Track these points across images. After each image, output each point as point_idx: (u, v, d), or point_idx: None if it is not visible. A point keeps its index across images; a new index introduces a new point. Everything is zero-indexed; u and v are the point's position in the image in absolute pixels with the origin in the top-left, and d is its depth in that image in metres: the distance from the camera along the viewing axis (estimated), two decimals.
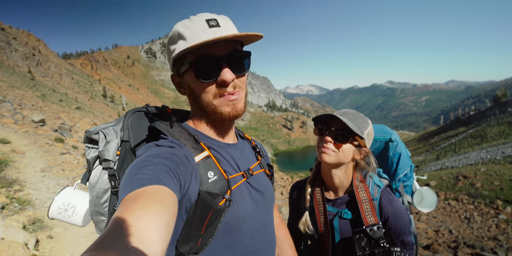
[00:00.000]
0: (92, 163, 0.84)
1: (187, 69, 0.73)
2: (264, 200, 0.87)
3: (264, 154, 1.00)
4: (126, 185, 0.55)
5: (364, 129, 1.06)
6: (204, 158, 0.73)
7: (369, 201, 1.08)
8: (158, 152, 0.65)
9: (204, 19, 0.71)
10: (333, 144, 1.06)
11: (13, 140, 8.48)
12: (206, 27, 0.70)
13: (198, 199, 0.68)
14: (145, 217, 0.45)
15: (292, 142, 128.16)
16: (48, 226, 3.84)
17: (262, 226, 0.84)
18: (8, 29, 62.70)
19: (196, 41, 0.67)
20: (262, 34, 0.71)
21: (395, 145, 1.28)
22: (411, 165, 1.30)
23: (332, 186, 1.17)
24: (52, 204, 0.90)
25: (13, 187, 4.89)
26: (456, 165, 29.34)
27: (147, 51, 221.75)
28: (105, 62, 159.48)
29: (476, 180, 17.46)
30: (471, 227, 10.95)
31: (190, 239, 0.68)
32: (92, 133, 0.83)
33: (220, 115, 0.75)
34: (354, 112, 1.10)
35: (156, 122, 0.78)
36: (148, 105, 0.92)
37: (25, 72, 50.92)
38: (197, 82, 0.73)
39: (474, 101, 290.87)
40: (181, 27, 0.72)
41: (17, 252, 2.67)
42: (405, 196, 1.32)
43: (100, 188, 0.81)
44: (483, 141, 41.21)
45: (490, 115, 56.01)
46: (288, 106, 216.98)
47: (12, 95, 22.40)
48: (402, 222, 1.09)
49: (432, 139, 60.75)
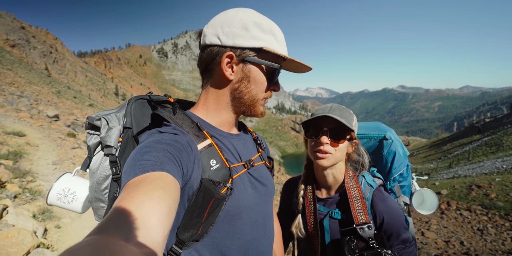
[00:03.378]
0: (93, 149, 0.83)
1: (265, 64, 0.76)
2: (265, 191, 0.87)
3: (265, 146, 1.01)
4: (129, 170, 0.55)
5: (352, 121, 1.05)
6: (206, 146, 0.73)
7: (361, 199, 1.04)
8: (161, 138, 0.65)
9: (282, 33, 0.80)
10: (330, 144, 1.04)
11: (28, 133, 8.74)
12: (284, 42, 0.80)
13: (200, 186, 0.68)
14: (148, 203, 0.45)
15: (300, 145, 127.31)
16: (57, 216, 3.92)
17: (262, 217, 0.84)
18: (28, 28, 64.98)
19: (284, 52, 0.77)
20: (311, 68, 0.83)
21: (390, 143, 1.22)
22: (408, 164, 1.24)
23: (325, 184, 1.15)
24: (51, 190, 0.89)
25: (26, 178, 5.02)
26: (469, 174, 28.44)
27: (159, 51, 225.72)
28: (118, 61, 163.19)
29: (490, 191, 16.86)
30: (484, 239, 10.55)
31: (191, 226, 0.68)
32: (94, 119, 0.82)
33: (255, 112, 0.81)
34: (339, 106, 1.08)
35: (159, 109, 0.78)
36: (151, 93, 0.91)
37: (42, 69, 52.62)
38: (262, 80, 0.78)
39: (490, 108, 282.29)
40: (274, 26, 0.76)
41: (26, 239, 2.72)
42: (402, 197, 1.25)
43: (101, 175, 0.80)
44: (499, 150, 39.85)
45: (507, 122, 54.21)
46: (297, 108, 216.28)
47: (29, 91, 23.17)
48: (398, 222, 1.05)
49: (445, 146, 59.24)
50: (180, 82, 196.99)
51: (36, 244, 2.78)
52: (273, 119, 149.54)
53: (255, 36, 0.73)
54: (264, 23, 0.74)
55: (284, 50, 0.78)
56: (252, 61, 0.74)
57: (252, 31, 0.73)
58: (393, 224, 1.04)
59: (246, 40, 0.72)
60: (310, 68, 0.82)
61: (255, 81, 0.76)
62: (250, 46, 0.73)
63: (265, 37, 0.74)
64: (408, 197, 1.28)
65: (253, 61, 0.74)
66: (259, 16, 0.75)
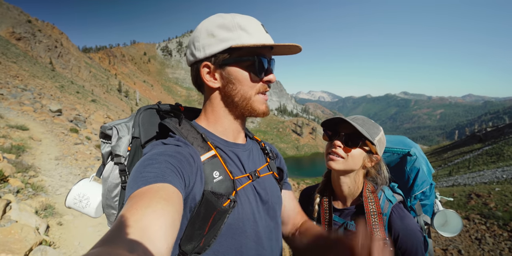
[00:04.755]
0: (106, 157, 0.87)
1: (242, 61, 0.74)
2: (270, 205, 0.85)
3: (276, 156, 0.98)
4: (132, 182, 0.56)
5: (375, 135, 1.03)
6: (210, 157, 0.72)
7: (378, 214, 1.02)
8: (164, 150, 0.66)
9: (259, 23, 0.77)
10: (343, 148, 1.04)
11: (31, 128, 8.77)
12: (263, 31, 0.76)
13: (202, 198, 0.67)
14: (151, 215, 0.45)
15: (301, 147, 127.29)
16: (59, 213, 3.92)
17: (267, 231, 0.82)
18: (34, 21, 65.32)
19: (260, 41, 0.73)
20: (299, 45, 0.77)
21: (414, 159, 1.19)
22: (432, 183, 1.21)
23: (341, 195, 1.13)
24: (69, 194, 0.94)
25: (29, 173, 5.03)
26: (469, 182, 28.32)
27: (164, 49, 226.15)
28: (123, 57, 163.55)
29: (489, 200, 16.78)
30: (481, 248, 10.51)
31: (193, 238, 0.68)
32: (106, 128, 0.85)
33: (255, 112, 0.78)
34: (364, 118, 1.08)
35: (166, 120, 0.78)
36: (160, 103, 0.93)
37: (47, 63, 52.81)
38: (246, 77, 0.75)
39: (492, 117, 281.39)
40: (241, 19, 0.73)
41: (29, 235, 2.72)
42: (422, 216, 1.22)
43: (112, 183, 0.83)
44: (500, 159, 39.71)
45: (509, 132, 54.03)
46: (299, 111, 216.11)
47: (33, 84, 23.23)
48: (414, 242, 1.01)
49: (445, 154, 59.06)
50: (183, 80, 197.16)
51: (39, 241, 2.78)
52: (274, 121, 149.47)
53: (222, 39, 0.72)
54: (228, 21, 0.73)
55: (258, 38, 0.74)
56: (228, 63, 0.74)
57: (218, 35, 0.73)
58: (408, 243, 1.01)
59: (215, 46, 0.73)
60: (298, 46, 0.76)
61: (238, 81, 0.75)
62: (220, 50, 0.73)
63: (232, 35, 0.72)
64: (429, 216, 1.24)
65: (229, 62, 0.74)
66: (222, 18, 0.74)
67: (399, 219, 1.03)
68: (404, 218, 1.03)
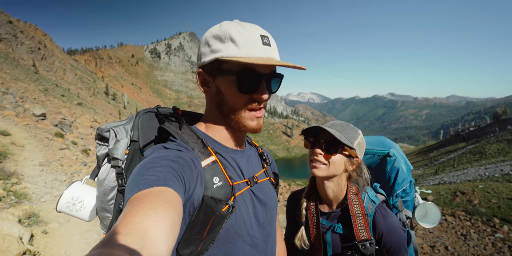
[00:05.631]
0: (102, 159, 0.85)
1: (227, 75, 0.72)
2: (267, 210, 0.86)
3: (271, 162, 1.00)
4: (133, 185, 0.56)
5: (354, 139, 1.06)
6: (210, 163, 0.73)
7: (363, 216, 1.06)
8: (166, 154, 0.66)
9: (259, 33, 0.71)
10: (323, 156, 1.07)
11: (13, 133, 8.45)
12: (259, 42, 0.70)
13: (201, 203, 0.68)
14: (152, 217, 0.45)
15: (291, 149, 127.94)
16: (44, 221, 3.80)
17: (264, 235, 0.84)
18: (16, 22, 63.18)
19: (249, 54, 0.69)
20: (305, 68, 0.75)
21: (393, 160, 1.24)
22: (411, 180, 1.25)
23: (326, 199, 1.17)
24: (61, 198, 0.91)
25: (11, 180, 4.85)
26: (454, 180, 29.17)
27: (152, 51, 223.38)
28: (110, 60, 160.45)
29: (473, 197, 17.33)
30: (467, 244, 10.82)
31: (191, 242, 0.68)
32: (103, 130, 0.85)
33: (244, 127, 0.76)
34: (343, 123, 1.11)
35: (166, 124, 0.78)
36: (159, 106, 0.93)
37: (30, 66, 51.13)
38: (234, 91, 0.73)
39: (474, 117, 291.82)
40: (234, 30, 0.70)
41: (12, 245, 2.63)
42: (404, 211, 1.27)
43: (108, 186, 0.82)
44: (482, 157, 41.17)
45: (490, 132, 56.16)
46: (289, 113, 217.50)
47: (15, 88, 22.45)
48: (397, 240, 1.06)
49: (431, 153, 60.72)
50: (172, 83, 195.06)
51: (23, 251, 2.69)
52: (264, 123, 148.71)
53: (213, 49, 0.72)
54: (221, 32, 0.71)
55: (247, 52, 0.69)
56: (217, 74, 0.74)
57: (212, 45, 0.72)
58: (391, 241, 1.06)
59: (208, 56, 0.73)
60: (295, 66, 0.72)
61: (226, 93, 0.74)
62: (208, 60, 0.73)
63: (223, 46, 0.70)
64: (411, 210, 1.29)
65: (218, 74, 0.74)
66: (220, 27, 0.72)
67: (382, 218, 1.07)
68: (386, 217, 1.07)
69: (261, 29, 0.74)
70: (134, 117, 0.89)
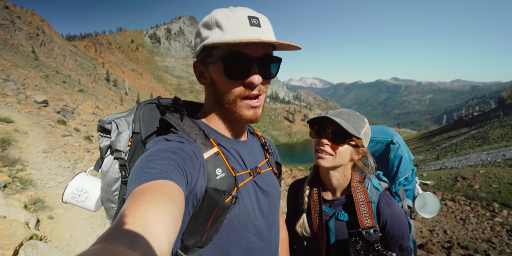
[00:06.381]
0: (104, 151, 0.86)
1: (215, 62, 0.70)
2: (270, 199, 0.87)
3: (273, 151, 0.99)
4: (135, 178, 0.56)
5: (360, 128, 1.04)
6: (213, 154, 0.73)
7: (367, 203, 1.05)
8: (167, 146, 0.66)
9: (246, 14, 0.68)
10: (330, 146, 1.05)
11: (16, 120, 8.48)
12: (247, 24, 0.67)
13: (205, 195, 0.68)
14: (153, 211, 0.45)
15: (293, 134, 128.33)
16: (49, 207, 3.87)
17: (267, 225, 0.84)
18: (12, 7, 61.62)
19: (235, 37, 0.65)
20: (301, 46, 0.70)
21: (397, 147, 1.24)
22: (413, 168, 1.27)
23: (330, 187, 1.16)
24: (66, 189, 0.93)
25: (15, 167, 4.91)
26: (455, 165, 29.34)
27: (152, 36, 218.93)
28: (109, 45, 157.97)
29: (474, 182, 17.49)
30: (466, 228, 11.04)
31: (195, 233, 0.69)
32: (105, 122, 0.84)
33: (239, 117, 0.74)
34: (350, 112, 1.08)
35: (167, 115, 0.78)
36: (160, 97, 0.91)
37: (29, 52, 50.50)
38: (223, 78, 0.70)
39: (479, 102, 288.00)
40: (221, 15, 0.67)
41: (18, 231, 2.68)
42: (406, 200, 1.29)
43: (111, 177, 0.83)
44: (485, 143, 41.09)
45: (494, 116, 55.62)
46: (291, 98, 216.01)
47: (15, 75, 22.30)
48: (401, 227, 1.06)
49: (434, 138, 60.67)
50: (173, 69, 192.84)
51: (29, 236, 2.75)
52: (266, 108, 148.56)
53: (203, 38, 0.70)
54: (209, 19, 0.69)
55: (233, 35, 0.66)
56: (207, 62, 0.72)
57: (202, 34, 0.71)
58: (395, 228, 1.06)
59: (198, 45, 0.72)
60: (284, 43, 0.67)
61: (218, 81, 0.72)
62: (199, 50, 0.72)
63: (209, 33, 0.69)
64: (411, 200, 1.31)
65: (209, 62, 0.72)
66: (209, 15, 0.71)
67: (387, 205, 1.07)
68: (391, 204, 1.07)
69: (251, 11, 0.70)
70: (135, 109, 0.88)
